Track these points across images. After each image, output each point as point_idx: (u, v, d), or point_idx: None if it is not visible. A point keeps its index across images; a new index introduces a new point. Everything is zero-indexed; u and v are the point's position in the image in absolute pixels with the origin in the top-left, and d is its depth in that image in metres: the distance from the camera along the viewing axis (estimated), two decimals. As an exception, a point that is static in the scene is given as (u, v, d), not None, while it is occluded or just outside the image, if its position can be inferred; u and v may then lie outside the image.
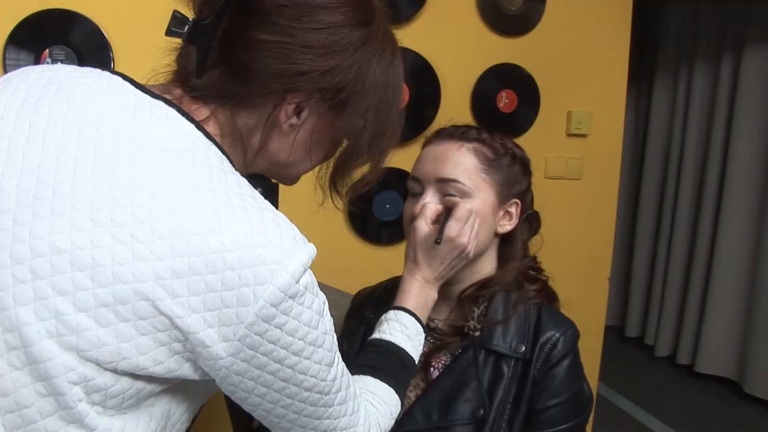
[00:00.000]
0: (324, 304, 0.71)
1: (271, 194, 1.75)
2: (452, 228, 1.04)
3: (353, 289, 1.35)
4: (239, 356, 0.65)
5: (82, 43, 1.80)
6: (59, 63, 1.72)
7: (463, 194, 1.08)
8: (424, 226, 1.06)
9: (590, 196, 2.44)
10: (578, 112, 2.35)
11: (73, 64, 1.70)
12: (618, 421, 3.16)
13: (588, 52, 2.34)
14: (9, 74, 0.74)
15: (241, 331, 0.63)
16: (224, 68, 0.72)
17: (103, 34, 1.81)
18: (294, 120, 0.76)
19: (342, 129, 0.81)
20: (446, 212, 1.07)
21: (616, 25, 2.36)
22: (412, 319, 1.03)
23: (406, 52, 2.06)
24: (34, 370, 0.61)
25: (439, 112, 2.18)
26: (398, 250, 1.12)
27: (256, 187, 0.72)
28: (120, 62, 1.82)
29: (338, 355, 0.76)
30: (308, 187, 0.87)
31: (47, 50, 1.78)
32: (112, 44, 1.81)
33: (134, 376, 0.64)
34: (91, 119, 0.67)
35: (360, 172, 0.85)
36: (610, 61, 2.38)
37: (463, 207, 1.05)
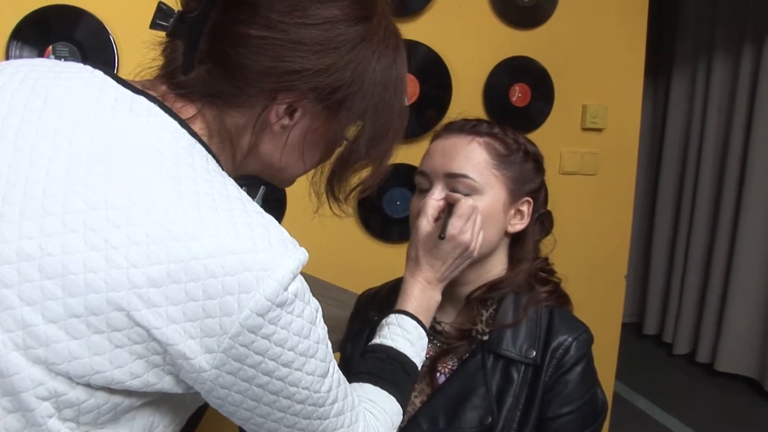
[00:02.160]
0: (317, 311, 0.67)
1: (276, 189, 1.72)
2: (454, 225, 1.00)
3: (362, 288, 1.32)
4: (224, 368, 0.61)
5: (86, 40, 1.79)
6: (62, 59, 1.71)
7: (473, 190, 1.04)
8: (425, 225, 1.02)
9: (606, 191, 2.41)
10: (593, 106, 2.32)
11: (76, 60, 1.69)
12: (635, 421, 3.11)
13: (603, 43, 2.30)
14: None
15: (225, 343, 0.60)
16: (212, 65, 0.68)
17: (107, 31, 1.79)
18: (286, 121, 0.72)
19: (338, 131, 0.76)
20: (448, 208, 1.03)
21: (632, 16, 2.32)
22: (414, 322, 0.99)
23: (416, 45, 2.03)
24: (0, 384, 0.57)
25: (451, 106, 2.16)
26: (409, 248, 1.09)
27: (258, 184, 0.68)
28: (124, 59, 1.80)
29: (333, 364, 0.72)
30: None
31: (50, 47, 1.76)
32: (116, 41, 1.80)
33: (110, 390, 0.60)
34: (68, 116, 0.63)
35: (359, 176, 0.81)
36: (626, 53, 2.34)
37: (465, 203, 1.01)
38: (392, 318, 1.00)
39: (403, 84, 0.78)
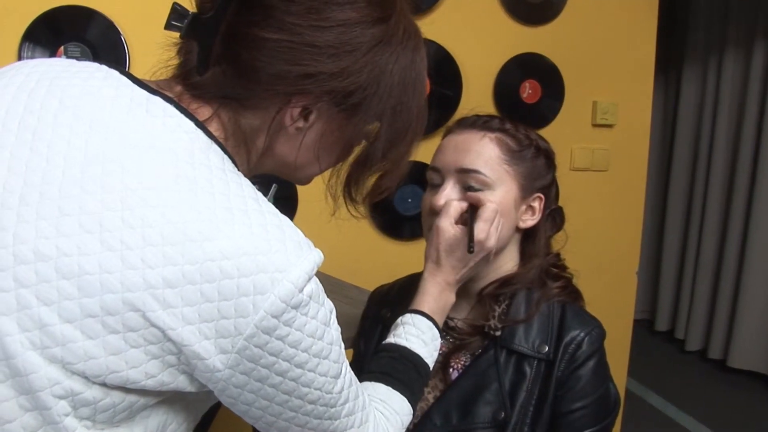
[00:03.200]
0: (331, 312, 0.67)
1: (287, 186, 1.73)
2: (480, 230, 1.00)
3: (374, 285, 1.33)
4: (238, 369, 0.62)
5: (98, 40, 1.79)
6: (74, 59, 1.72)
7: (485, 186, 1.03)
8: (448, 227, 1.02)
9: (617, 187, 2.40)
10: (604, 102, 2.31)
11: (88, 60, 1.70)
12: (647, 418, 3.10)
13: (613, 39, 2.29)
14: (2, 69, 0.70)
15: (239, 343, 0.60)
16: (226, 66, 0.68)
17: (118, 31, 1.80)
18: (300, 123, 0.71)
19: (355, 133, 0.75)
20: (471, 210, 1.02)
21: (642, 11, 2.31)
22: (429, 323, 0.98)
23: (426, 43, 2.02)
24: (17, 383, 0.57)
25: (461, 103, 2.16)
26: (420, 245, 1.09)
27: (271, 182, 0.67)
28: (135, 59, 1.81)
29: (345, 365, 0.72)
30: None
31: (62, 47, 1.77)
32: (127, 41, 1.80)
33: (126, 389, 0.61)
34: (84, 116, 0.63)
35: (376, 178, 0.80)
36: (636, 49, 2.33)
37: (490, 207, 1.01)
38: (407, 317, 0.99)
39: (422, 85, 0.77)
